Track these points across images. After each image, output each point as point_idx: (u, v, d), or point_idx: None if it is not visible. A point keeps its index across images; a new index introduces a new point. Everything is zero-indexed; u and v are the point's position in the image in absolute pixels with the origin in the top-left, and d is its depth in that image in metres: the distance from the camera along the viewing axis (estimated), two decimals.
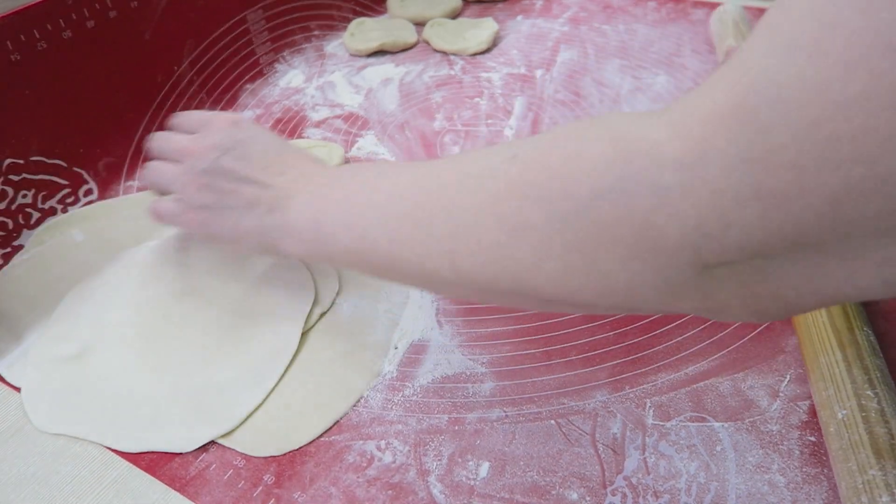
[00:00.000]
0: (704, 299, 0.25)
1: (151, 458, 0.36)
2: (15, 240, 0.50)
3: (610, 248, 0.24)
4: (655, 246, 0.23)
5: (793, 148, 0.20)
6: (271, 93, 0.69)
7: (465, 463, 0.35)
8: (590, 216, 0.24)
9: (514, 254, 0.27)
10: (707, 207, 0.22)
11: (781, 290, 0.23)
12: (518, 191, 0.27)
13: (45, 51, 0.50)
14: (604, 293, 0.26)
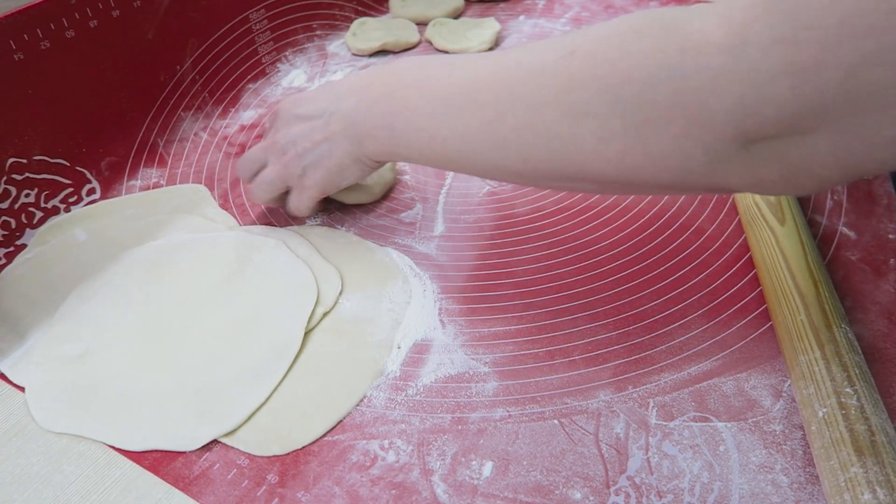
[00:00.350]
0: (748, 175, 0.28)
1: (155, 458, 0.36)
2: (18, 239, 0.50)
3: (664, 128, 0.28)
4: (704, 123, 0.27)
5: (815, 27, 0.23)
6: (273, 92, 0.69)
7: (469, 462, 0.35)
8: (647, 100, 0.28)
9: (578, 141, 0.30)
10: (747, 85, 0.25)
11: (812, 166, 0.27)
12: (580, 83, 0.30)
13: (48, 50, 0.50)
14: (658, 172, 0.29)
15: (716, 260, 0.46)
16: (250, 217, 0.53)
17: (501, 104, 0.33)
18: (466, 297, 0.45)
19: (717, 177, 0.29)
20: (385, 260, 0.48)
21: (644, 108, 0.28)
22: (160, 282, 0.46)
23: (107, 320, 0.44)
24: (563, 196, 0.53)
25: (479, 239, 0.50)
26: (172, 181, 0.57)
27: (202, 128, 0.63)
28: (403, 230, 0.51)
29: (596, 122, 0.29)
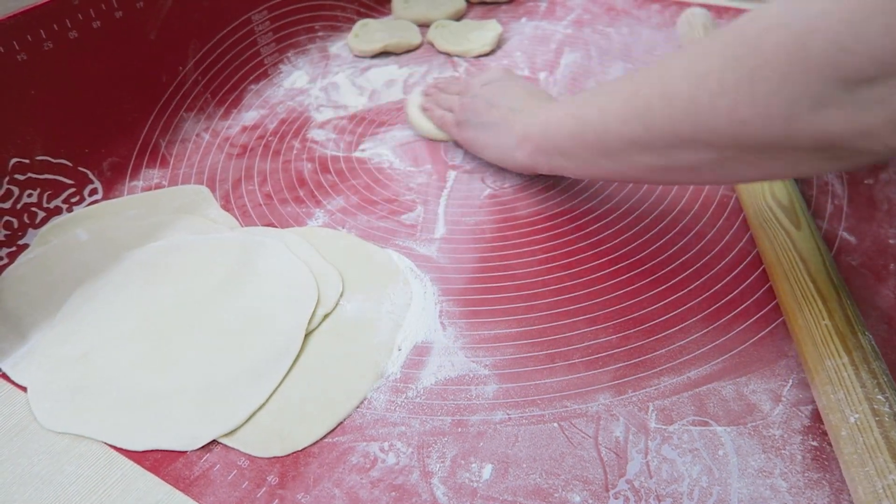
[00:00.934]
0: (853, 121, 0.28)
1: (156, 458, 0.36)
2: (20, 239, 0.50)
3: (769, 75, 0.30)
4: (804, 66, 0.28)
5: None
6: (275, 93, 0.69)
7: (468, 465, 0.35)
8: (754, 50, 0.30)
9: (696, 99, 0.33)
10: (843, 24, 0.27)
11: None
12: (706, 47, 0.33)
13: (51, 51, 0.51)
14: (765, 123, 0.31)
15: (716, 264, 0.46)
16: (252, 218, 0.53)
17: (637, 82, 0.38)
18: (467, 299, 0.45)
19: (823, 125, 0.29)
20: (386, 262, 0.48)
21: (752, 57, 0.30)
22: (162, 282, 0.46)
23: (108, 321, 0.44)
24: (563, 199, 0.53)
25: (479, 242, 0.50)
26: (174, 182, 0.57)
27: (204, 128, 0.63)
28: (404, 232, 0.51)
29: (712, 78, 0.32)
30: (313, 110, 0.66)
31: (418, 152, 0.60)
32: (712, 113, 0.33)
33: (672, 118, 0.35)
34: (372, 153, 0.60)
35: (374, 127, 0.64)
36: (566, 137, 0.44)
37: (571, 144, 0.44)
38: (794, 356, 0.40)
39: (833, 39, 0.27)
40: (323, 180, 0.57)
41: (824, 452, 0.35)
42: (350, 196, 0.55)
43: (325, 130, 0.63)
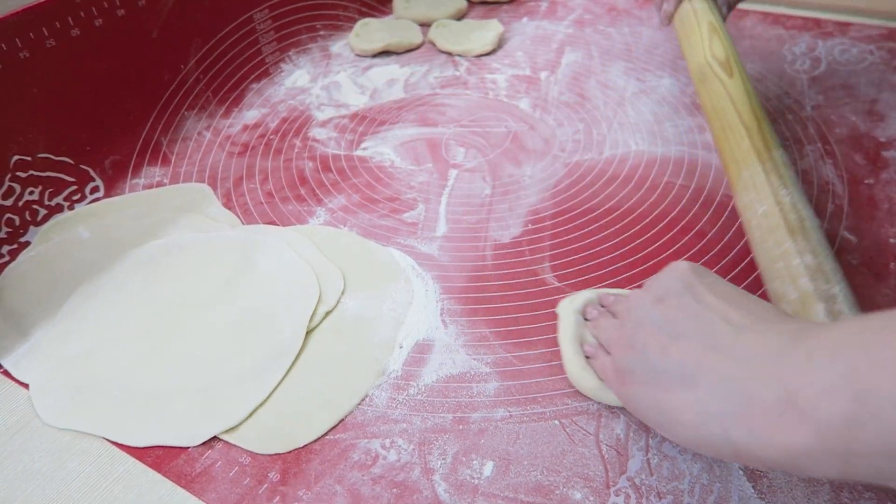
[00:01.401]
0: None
1: (157, 455, 0.36)
2: (21, 236, 0.50)
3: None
4: None
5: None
6: (277, 92, 0.69)
7: (470, 462, 0.35)
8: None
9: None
10: None
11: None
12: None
13: (53, 48, 0.51)
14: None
15: (717, 262, 0.47)
16: (253, 216, 0.53)
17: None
18: (468, 297, 0.45)
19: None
20: (387, 260, 0.48)
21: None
22: (163, 280, 0.46)
23: (110, 318, 0.44)
24: (563, 198, 0.53)
25: (480, 240, 0.50)
26: (176, 180, 0.57)
27: (206, 127, 0.63)
28: (406, 230, 0.51)
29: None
30: (314, 109, 0.66)
31: (419, 151, 0.60)
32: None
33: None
34: (373, 152, 0.60)
35: (375, 126, 0.64)
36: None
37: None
38: None
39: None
40: (324, 179, 0.57)
41: None
42: (351, 194, 0.55)
43: (327, 129, 0.63)
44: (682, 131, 0.61)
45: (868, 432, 0.21)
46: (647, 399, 0.30)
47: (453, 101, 0.67)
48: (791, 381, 0.24)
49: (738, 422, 0.25)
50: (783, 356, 0.25)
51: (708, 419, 0.26)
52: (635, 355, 0.31)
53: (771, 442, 0.24)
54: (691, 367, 0.28)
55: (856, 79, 0.66)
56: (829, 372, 0.23)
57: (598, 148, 0.59)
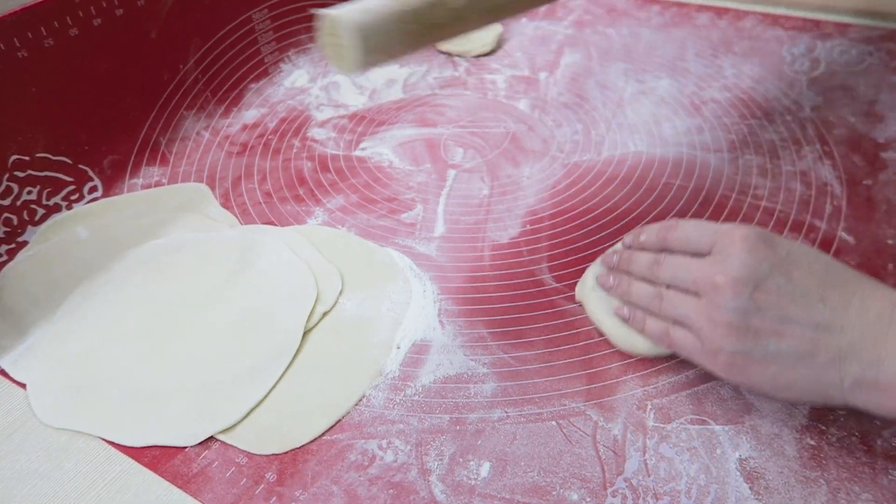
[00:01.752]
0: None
1: (154, 455, 0.36)
2: (19, 236, 0.50)
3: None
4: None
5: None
6: (276, 92, 0.69)
7: (467, 463, 0.35)
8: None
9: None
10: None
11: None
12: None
13: (51, 48, 0.51)
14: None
15: None
16: (251, 216, 0.53)
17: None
18: (466, 298, 0.45)
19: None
20: (385, 260, 0.48)
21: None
22: (161, 280, 0.46)
23: (108, 318, 0.44)
24: (562, 198, 0.53)
25: (479, 240, 0.50)
26: (174, 180, 0.57)
27: (204, 127, 0.63)
28: (404, 231, 0.51)
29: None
30: (313, 109, 0.66)
31: (418, 151, 0.60)
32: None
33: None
34: (372, 152, 0.60)
35: (373, 126, 0.64)
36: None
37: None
38: None
39: None
40: (323, 179, 0.57)
41: (821, 451, 0.35)
42: (350, 195, 0.55)
43: (326, 129, 0.63)
44: (680, 132, 0.61)
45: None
46: (760, 375, 0.34)
47: (452, 101, 0.67)
48: (887, 361, 0.31)
49: (851, 390, 0.32)
50: (882, 342, 0.31)
51: (823, 388, 0.33)
52: (745, 340, 0.33)
53: (879, 405, 0.32)
54: (807, 348, 0.32)
55: (855, 80, 0.66)
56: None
57: (596, 149, 0.59)
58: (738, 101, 0.64)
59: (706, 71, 0.70)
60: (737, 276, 0.33)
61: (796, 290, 0.33)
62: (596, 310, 0.42)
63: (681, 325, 0.36)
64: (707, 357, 0.35)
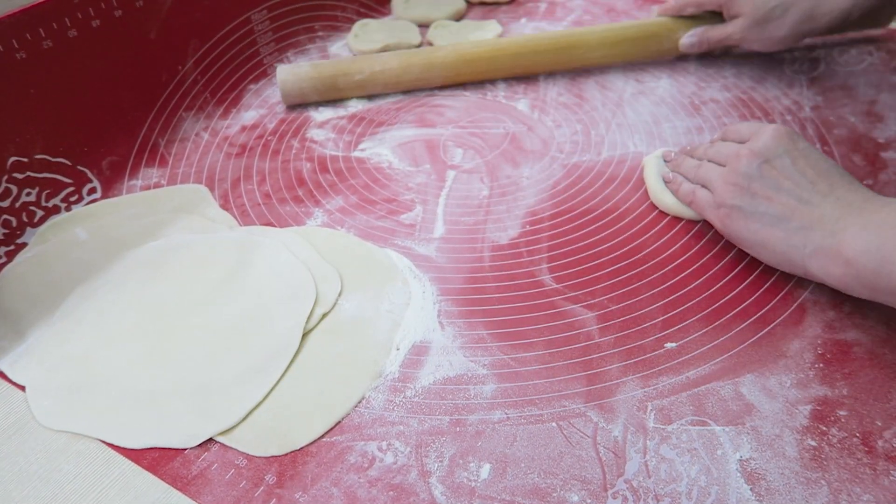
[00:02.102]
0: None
1: (153, 457, 0.36)
2: (18, 238, 0.50)
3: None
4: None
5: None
6: (275, 93, 0.69)
7: (467, 464, 0.35)
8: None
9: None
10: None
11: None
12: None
13: (50, 49, 0.51)
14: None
15: (715, 264, 0.46)
16: (250, 217, 0.53)
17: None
18: (465, 299, 0.45)
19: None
20: (385, 261, 0.48)
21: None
22: (160, 281, 0.46)
23: (107, 319, 0.44)
24: (561, 199, 0.53)
25: (478, 241, 0.50)
26: (173, 181, 0.57)
27: (203, 128, 0.63)
28: (403, 232, 0.51)
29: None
30: (312, 110, 0.66)
31: (417, 152, 0.60)
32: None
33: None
34: (371, 153, 0.60)
35: (373, 127, 0.64)
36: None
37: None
38: (792, 356, 0.40)
39: None
40: (322, 180, 0.57)
41: (822, 452, 0.35)
42: (349, 196, 0.55)
43: (325, 130, 0.63)
44: (680, 132, 0.61)
45: (883, 279, 0.36)
46: (745, 229, 0.43)
47: (451, 102, 0.67)
48: (846, 241, 0.38)
49: (810, 256, 0.40)
50: (845, 220, 0.39)
51: (789, 249, 0.41)
52: (744, 197, 0.43)
53: (827, 272, 0.39)
54: (787, 214, 0.41)
55: (855, 80, 0.66)
56: (869, 240, 0.37)
57: (596, 149, 0.59)
58: (738, 101, 0.64)
59: (706, 71, 0.69)
60: (754, 150, 0.43)
61: (795, 172, 0.42)
62: (649, 170, 0.53)
63: (705, 187, 0.47)
64: (714, 209, 0.45)
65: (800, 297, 0.44)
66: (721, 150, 0.47)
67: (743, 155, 0.43)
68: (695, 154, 0.51)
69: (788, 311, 0.43)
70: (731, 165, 0.44)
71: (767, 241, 0.42)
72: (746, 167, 0.43)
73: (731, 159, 0.44)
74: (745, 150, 0.43)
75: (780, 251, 0.41)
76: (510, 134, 0.62)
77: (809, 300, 0.43)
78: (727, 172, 0.44)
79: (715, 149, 0.48)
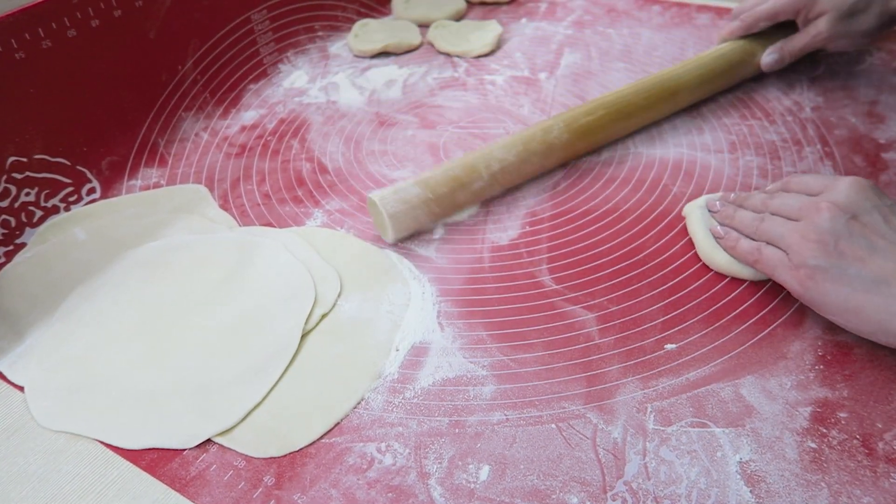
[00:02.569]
0: None
1: (152, 458, 0.36)
2: (17, 238, 0.50)
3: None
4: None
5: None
6: (275, 93, 0.69)
7: (466, 466, 0.35)
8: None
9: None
10: None
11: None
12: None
13: (49, 49, 0.51)
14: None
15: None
16: (250, 218, 0.53)
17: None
18: (465, 300, 0.45)
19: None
20: (384, 262, 0.48)
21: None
22: (159, 282, 0.46)
23: (106, 320, 0.44)
24: (561, 200, 0.53)
25: (478, 242, 0.50)
26: (173, 181, 0.57)
27: (203, 128, 0.63)
28: None
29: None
30: (312, 110, 0.66)
31: (418, 152, 0.60)
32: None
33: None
34: (371, 153, 0.60)
35: (373, 127, 0.64)
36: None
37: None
38: (792, 358, 0.40)
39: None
40: (322, 180, 0.57)
41: (822, 454, 0.35)
42: (349, 196, 0.55)
43: (325, 130, 0.63)
44: (680, 133, 0.60)
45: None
46: (833, 293, 0.37)
47: (452, 102, 0.67)
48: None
49: (891, 319, 0.35)
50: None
51: (890, 318, 0.36)
52: (830, 258, 0.37)
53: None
54: (885, 277, 0.36)
55: (855, 80, 0.66)
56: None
57: (596, 149, 0.59)
58: (739, 101, 0.64)
59: None
60: (838, 202, 0.38)
61: (890, 230, 0.37)
62: (695, 224, 0.47)
63: (773, 244, 0.41)
64: (789, 270, 0.39)
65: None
66: (790, 203, 0.41)
67: (824, 208, 0.38)
68: (749, 205, 0.45)
69: (789, 312, 0.43)
70: (811, 220, 0.39)
71: (863, 309, 0.36)
72: (831, 223, 0.38)
73: (808, 213, 0.39)
74: (825, 203, 0.38)
75: (875, 320, 0.36)
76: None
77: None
78: (806, 228, 0.39)
79: (780, 200, 0.42)
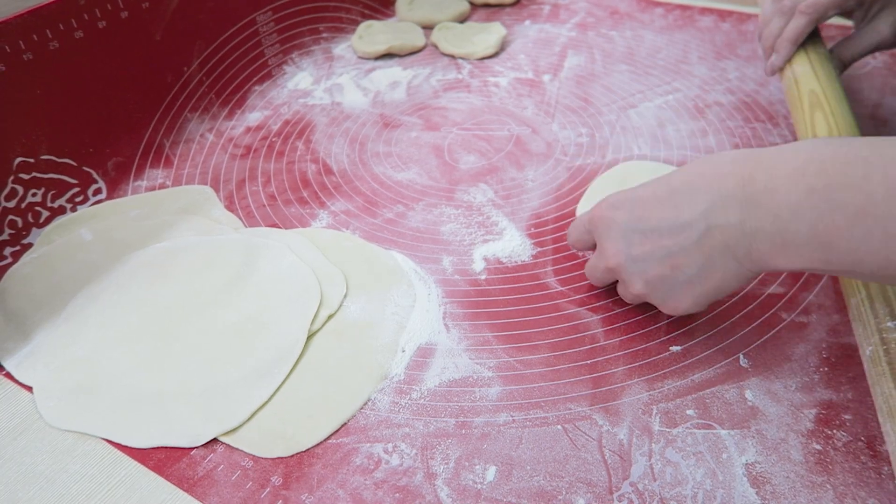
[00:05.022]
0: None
1: (159, 458, 0.36)
2: (24, 238, 0.50)
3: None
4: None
5: None
6: (279, 94, 0.69)
7: (472, 467, 0.35)
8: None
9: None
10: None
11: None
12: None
13: (56, 50, 0.51)
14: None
15: None
16: (255, 219, 0.53)
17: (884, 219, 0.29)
18: (471, 301, 0.45)
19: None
20: (390, 263, 0.48)
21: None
22: (166, 283, 0.46)
23: (112, 320, 0.44)
24: (567, 201, 0.53)
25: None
26: (178, 182, 0.57)
27: (208, 129, 0.63)
28: (408, 234, 0.51)
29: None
30: (317, 111, 0.66)
31: (421, 153, 0.60)
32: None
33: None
34: (375, 154, 0.60)
35: (377, 128, 0.64)
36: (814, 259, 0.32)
37: (818, 266, 0.33)
38: (797, 360, 0.40)
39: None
40: (327, 181, 0.57)
41: (827, 456, 0.35)
42: (354, 197, 0.55)
43: (329, 131, 0.63)
44: (684, 135, 0.61)
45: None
46: (696, 299, 0.38)
47: (456, 104, 0.67)
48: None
49: (754, 250, 0.34)
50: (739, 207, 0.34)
51: (735, 265, 0.35)
52: (663, 286, 0.38)
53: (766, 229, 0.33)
54: (702, 258, 0.36)
55: (858, 84, 0.66)
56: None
57: (600, 152, 0.59)
58: (742, 104, 0.65)
59: (710, 73, 0.70)
60: (614, 262, 0.40)
61: (657, 227, 0.37)
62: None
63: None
64: (666, 310, 0.40)
65: (804, 301, 0.44)
66: (593, 274, 0.45)
67: (614, 270, 0.41)
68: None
69: (793, 314, 0.43)
70: (623, 287, 0.42)
71: (721, 286, 0.37)
72: (628, 276, 0.40)
73: (613, 277, 0.42)
74: (611, 266, 0.41)
75: (731, 277, 0.37)
76: (514, 136, 0.62)
77: (814, 304, 0.44)
78: (623, 288, 0.42)
79: (588, 270, 0.45)
